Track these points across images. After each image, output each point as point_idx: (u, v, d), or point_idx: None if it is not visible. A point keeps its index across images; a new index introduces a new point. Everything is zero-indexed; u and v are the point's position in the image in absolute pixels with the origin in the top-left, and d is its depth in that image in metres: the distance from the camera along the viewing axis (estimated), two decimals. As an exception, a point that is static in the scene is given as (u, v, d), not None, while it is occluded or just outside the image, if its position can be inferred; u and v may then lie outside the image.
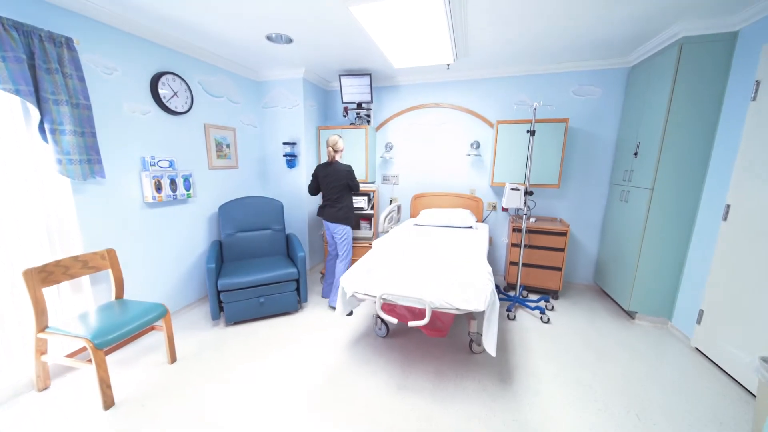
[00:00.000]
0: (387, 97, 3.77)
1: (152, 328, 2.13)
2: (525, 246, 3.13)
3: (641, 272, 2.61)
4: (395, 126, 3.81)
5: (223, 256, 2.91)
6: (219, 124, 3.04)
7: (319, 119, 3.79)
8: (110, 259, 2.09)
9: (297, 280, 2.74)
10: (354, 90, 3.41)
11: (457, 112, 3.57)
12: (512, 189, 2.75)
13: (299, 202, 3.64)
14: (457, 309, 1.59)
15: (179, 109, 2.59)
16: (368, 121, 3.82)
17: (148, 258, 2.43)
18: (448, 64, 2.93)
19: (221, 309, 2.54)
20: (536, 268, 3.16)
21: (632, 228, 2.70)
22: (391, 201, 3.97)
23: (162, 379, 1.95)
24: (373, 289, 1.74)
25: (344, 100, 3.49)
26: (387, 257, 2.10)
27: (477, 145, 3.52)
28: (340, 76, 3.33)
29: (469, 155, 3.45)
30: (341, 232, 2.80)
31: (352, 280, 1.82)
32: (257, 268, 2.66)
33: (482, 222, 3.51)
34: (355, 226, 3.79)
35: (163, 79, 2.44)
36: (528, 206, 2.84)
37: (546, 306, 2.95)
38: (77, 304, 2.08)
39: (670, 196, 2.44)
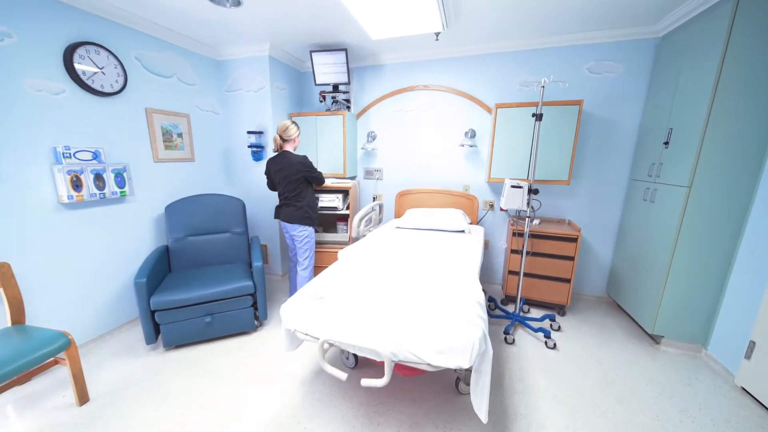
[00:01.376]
0: (369, 78, 3.28)
1: (56, 362, 1.72)
2: (528, 253, 2.65)
3: (671, 288, 2.13)
4: (378, 112, 3.32)
5: (170, 265, 2.49)
6: (167, 109, 2.58)
7: (291, 105, 3.31)
8: (2, 275, 1.66)
9: (254, 294, 2.30)
10: (328, 69, 2.92)
11: (449, 96, 3.07)
12: (513, 186, 2.26)
13: (268, 201, 3.19)
14: (430, 365, 1.13)
15: (106, 89, 2.14)
16: (348, 107, 3.33)
17: (65, 271, 2.01)
18: (437, 34, 2.42)
19: (158, 331, 2.12)
20: (540, 279, 2.69)
21: (660, 234, 2.21)
22: (374, 198, 3.50)
23: (63, 429, 1.53)
24: (317, 328, 1.29)
25: (317, 82, 3.01)
26: (348, 277, 1.64)
27: (472, 134, 3.02)
28: (311, 52, 2.84)
29: (463, 146, 2.96)
30: (301, 234, 2.35)
31: (294, 310, 1.37)
32: (205, 281, 2.22)
33: (477, 224, 3.03)
34: (330, 228, 3.34)
35: (80, 50, 1.98)
36: (532, 207, 2.35)
37: (551, 326, 2.48)
38: None
39: (713, 197, 1.94)
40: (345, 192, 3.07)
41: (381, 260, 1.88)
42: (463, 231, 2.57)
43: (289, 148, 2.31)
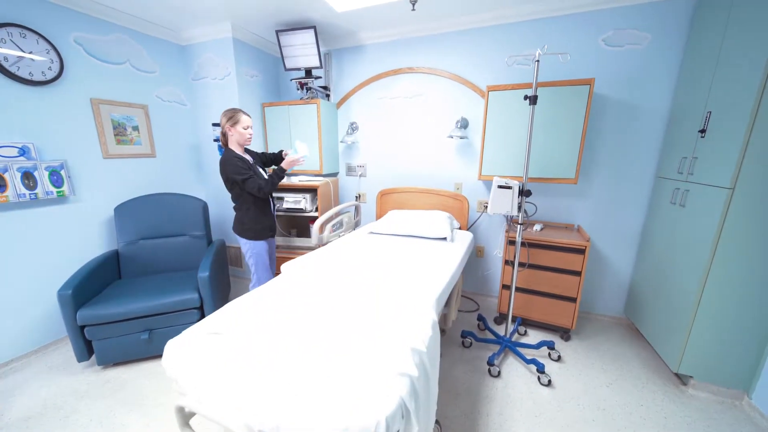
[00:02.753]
0: (348, 62, 2.91)
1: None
2: (524, 265, 2.23)
3: (704, 315, 1.66)
4: (360, 100, 2.95)
5: (121, 271, 2.28)
6: (118, 99, 2.35)
7: (266, 94, 3.02)
8: None
9: (201, 308, 2.05)
10: (298, 52, 2.58)
11: (437, 79, 2.65)
12: (500, 186, 1.85)
13: (240, 199, 2.92)
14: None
15: (37, 77, 1.92)
16: (327, 95, 3.00)
17: (-10, 278, 1.83)
18: (413, 2, 2.02)
19: (91, 347, 1.91)
20: (540, 296, 2.26)
21: (692, 246, 1.73)
22: (358, 197, 3.16)
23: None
24: (187, 382, 0.98)
25: (287, 67, 2.68)
26: (265, 301, 1.32)
27: (464, 124, 2.60)
28: (277, 32, 2.51)
29: (452, 138, 2.54)
30: (243, 247, 2.05)
31: (177, 349, 1.07)
32: (149, 291, 2.00)
33: (467, 229, 2.62)
34: (305, 232, 3.04)
35: (0, 33, 1.76)
36: (525, 211, 1.93)
37: (550, 354, 2.06)
38: None
39: (764, 201, 1.45)
40: (313, 191, 2.75)
41: (325, 278, 1.55)
42: (445, 239, 2.19)
43: (231, 143, 1.95)
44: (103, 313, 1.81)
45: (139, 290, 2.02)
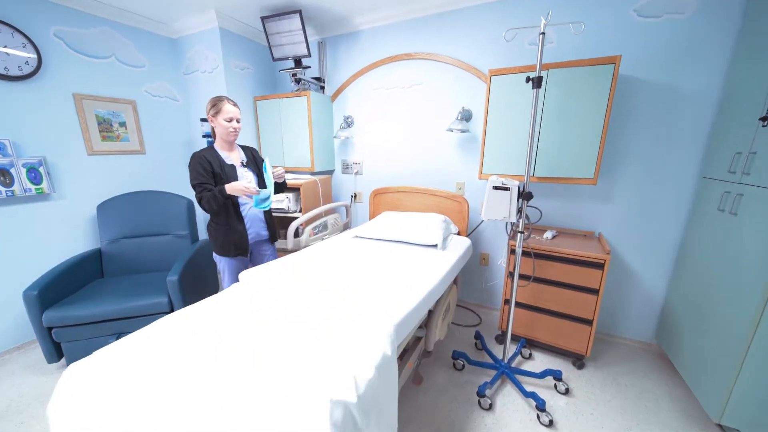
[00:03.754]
0: (344, 50, 2.69)
1: None
2: (528, 278, 1.92)
3: (758, 355, 1.29)
4: (355, 91, 2.73)
5: (103, 270, 2.24)
6: (103, 94, 2.30)
7: (258, 87, 2.88)
8: None
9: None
10: (285, 40, 2.40)
11: (437, 66, 2.37)
12: (495, 188, 1.56)
13: (231, 197, 2.82)
14: None
15: (12, 72, 1.88)
16: (322, 88, 2.81)
17: (-35, 276, 1.83)
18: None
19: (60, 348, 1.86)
20: (549, 315, 1.94)
21: (746, 264, 1.36)
22: (354, 197, 2.95)
23: None
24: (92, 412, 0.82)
25: (275, 57, 2.51)
26: (196, 324, 1.15)
27: (466, 116, 2.30)
28: (263, 19, 2.35)
29: (452, 131, 2.25)
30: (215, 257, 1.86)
31: (86, 375, 0.92)
32: (124, 292, 1.93)
33: (468, 235, 2.32)
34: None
35: (-29, 27, 1.73)
36: (527, 217, 1.62)
37: (556, 387, 1.74)
38: None
39: None
40: (296, 191, 2.56)
41: (281, 291, 1.36)
42: (435, 246, 1.92)
43: (216, 137, 1.72)
44: (70, 315, 1.75)
45: (114, 291, 1.96)
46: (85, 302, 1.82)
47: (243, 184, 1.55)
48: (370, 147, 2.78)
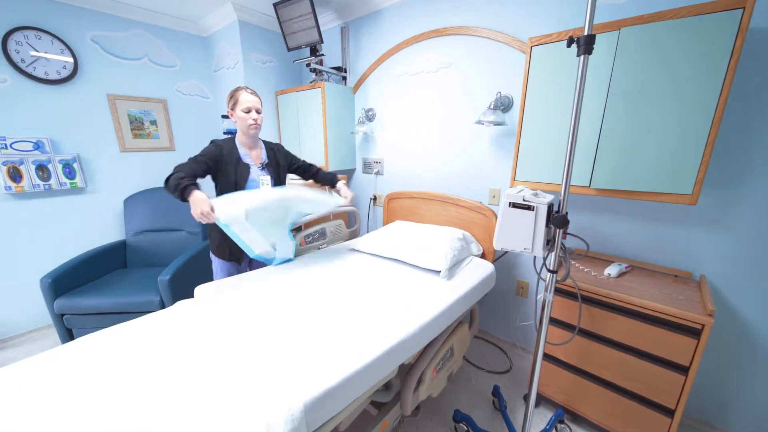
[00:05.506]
0: (365, 33, 2.37)
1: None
2: (573, 329, 1.36)
3: None
4: (377, 80, 2.39)
5: (126, 261, 2.37)
6: (135, 94, 2.42)
7: (282, 81, 2.75)
8: (-73, 262, 1.74)
9: (166, 313, 1.92)
10: (297, 27, 2.19)
11: (469, 42, 1.88)
12: (513, 205, 1.07)
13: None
14: None
15: (52, 77, 2.05)
16: (343, 78, 2.54)
17: (6, 260, 2.06)
18: None
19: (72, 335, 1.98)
20: (604, 385, 1.36)
21: None
22: (374, 199, 2.64)
23: None
24: None
25: (289, 46, 2.32)
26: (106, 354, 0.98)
27: (506, 104, 1.78)
28: (275, 6, 2.17)
29: (483, 123, 1.75)
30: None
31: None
32: (127, 286, 1.98)
33: (493, 259, 1.79)
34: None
35: (16, 36, 1.91)
36: (564, 248, 1.09)
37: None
38: None
39: None
40: None
41: (227, 315, 1.13)
42: (438, 272, 1.49)
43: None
44: (76, 304, 1.83)
45: (123, 283, 2.02)
46: (93, 293, 1.90)
47: (202, 209, 1.20)
48: (391, 144, 2.42)
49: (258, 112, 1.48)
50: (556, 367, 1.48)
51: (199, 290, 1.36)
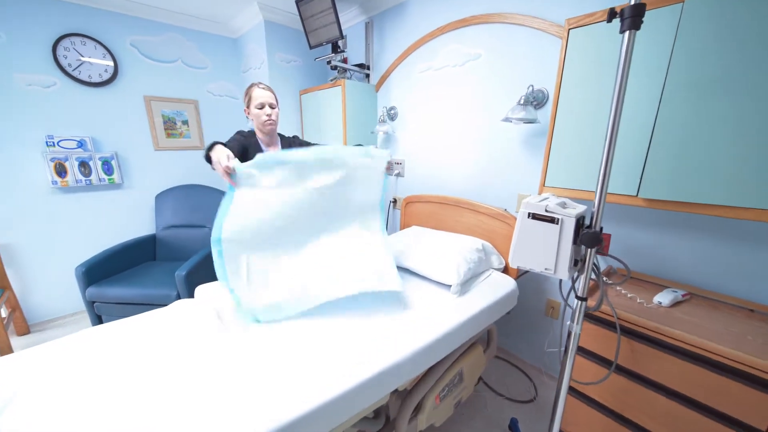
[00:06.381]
0: (389, 28, 2.26)
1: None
2: (609, 364, 1.14)
3: None
4: (400, 77, 2.27)
5: (156, 254, 2.50)
6: (169, 96, 2.54)
7: (306, 80, 2.73)
8: (-15, 248, 1.95)
9: (182, 307, 1.97)
10: (318, 23, 2.14)
11: (500, 30, 1.69)
12: (533, 216, 0.90)
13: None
14: None
15: (95, 79, 2.20)
16: (366, 76, 2.46)
17: (56, 248, 2.24)
18: None
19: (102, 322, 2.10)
20: (640, 439, 1.12)
21: None
22: (394, 202, 2.52)
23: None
24: None
25: (311, 44, 2.28)
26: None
27: (540, 100, 1.57)
28: (297, 4, 2.13)
29: (512, 121, 1.55)
30: None
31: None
32: (150, 279, 2.07)
33: (517, 275, 1.58)
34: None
35: (65, 43, 2.07)
36: (597, 271, 0.89)
37: None
38: None
39: None
40: None
41: (207, 329, 1.09)
42: (449, 286, 1.34)
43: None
44: (104, 293, 1.94)
45: (147, 275, 2.12)
46: (120, 283, 2.00)
47: (224, 155, 1.05)
48: (413, 144, 2.29)
49: (272, 107, 1.44)
50: (586, 406, 1.26)
51: (200, 290, 1.34)
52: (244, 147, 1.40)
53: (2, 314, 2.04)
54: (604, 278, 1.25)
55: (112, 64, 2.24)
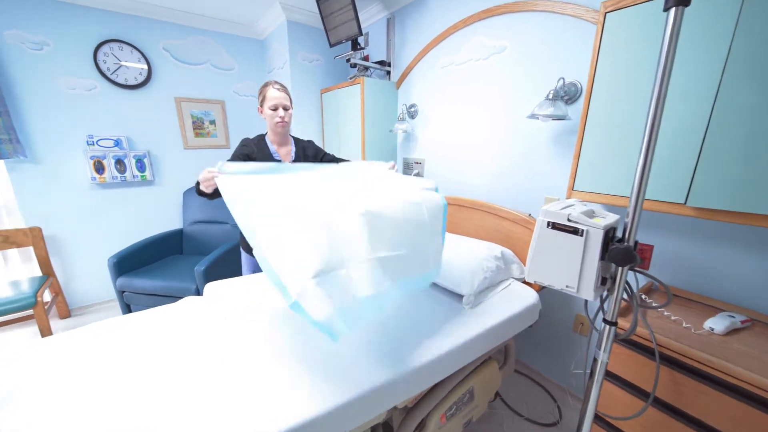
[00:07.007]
0: (411, 23, 2.18)
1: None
2: (647, 399, 0.99)
3: None
4: (420, 72, 2.18)
5: (183, 248, 2.61)
6: (198, 96, 2.63)
7: (328, 78, 2.72)
8: (33, 236, 2.12)
9: (202, 301, 2.03)
10: (338, 21, 2.10)
11: (528, 19, 1.56)
12: (554, 226, 0.79)
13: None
14: None
15: (130, 82, 2.33)
16: (387, 73, 2.39)
17: (94, 239, 2.41)
18: None
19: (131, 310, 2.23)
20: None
21: None
22: (412, 203, 2.43)
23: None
24: None
25: (331, 42, 2.25)
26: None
27: (570, 93, 1.42)
28: (317, 2, 2.11)
29: (538, 117, 1.42)
30: None
31: None
32: (174, 271, 2.17)
33: (539, 288, 1.44)
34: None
35: (104, 48, 2.20)
36: (631, 293, 0.76)
37: None
38: (1, 276, 2.20)
39: None
40: None
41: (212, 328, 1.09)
42: (461, 297, 1.24)
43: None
44: (131, 284, 2.05)
45: (172, 268, 2.22)
46: (147, 275, 2.11)
47: (206, 174, 0.99)
48: (434, 143, 2.19)
49: (285, 108, 1.43)
50: (618, 441, 1.11)
51: (209, 288, 1.35)
52: (247, 155, 1.41)
53: (47, 299, 2.23)
54: (643, 296, 1.09)
55: (146, 67, 2.36)
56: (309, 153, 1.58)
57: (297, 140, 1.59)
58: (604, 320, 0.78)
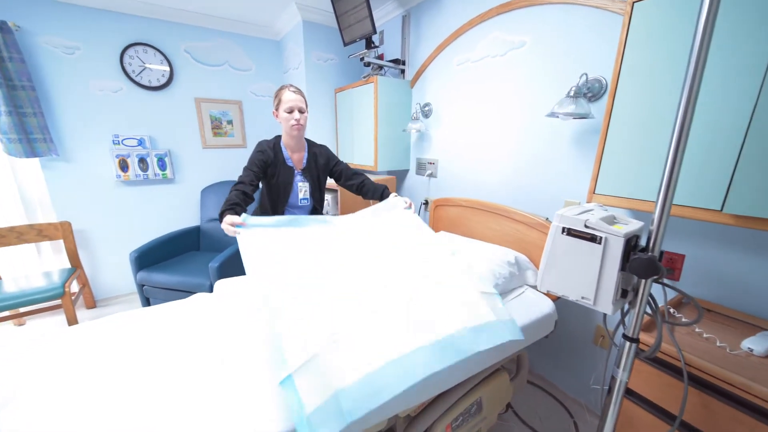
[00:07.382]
0: (426, 19, 2.13)
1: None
2: (673, 422, 0.91)
3: None
4: (435, 70, 2.13)
5: (200, 244, 2.68)
6: (216, 97, 2.70)
7: (342, 78, 2.71)
8: (63, 230, 2.24)
9: (215, 297, 2.07)
10: (352, 19, 2.09)
11: (548, 12, 1.48)
12: (569, 232, 0.73)
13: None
14: None
15: (153, 84, 2.41)
16: (402, 71, 2.36)
17: (118, 234, 2.51)
18: None
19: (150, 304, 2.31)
20: None
21: None
22: (425, 203, 2.39)
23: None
24: None
25: (345, 41, 2.24)
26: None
27: (594, 90, 1.34)
28: (332, 1, 2.11)
29: (557, 116, 1.34)
30: None
31: None
32: (191, 267, 2.23)
33: (556, 298, 1.36)
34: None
35: (130, 51, 2.30)
36: (655, 307, 0.69)
37: None
38: (35, 266, 2.34)
39: None
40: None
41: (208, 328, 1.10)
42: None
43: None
44: (149, 278, 2.13)
45: (189, 264, 2.28)
46: (165, 270, 2.17)
47: (228, 226, 1.10)
48: (448, 142, 2.14)
49: (301, 111, 1.44)
50: (638, 466, 1.03)
51: (219, 285, 1.37)
52: (266, 164, 1.44)
53: (74, 290, 2.35)
54: (671, 310, 1.00)
55: (168, 69, 2.44)
56: (320, 161, 1.60)
57: (311, 145, 1.61)
58: (624, 336, 0.72)
